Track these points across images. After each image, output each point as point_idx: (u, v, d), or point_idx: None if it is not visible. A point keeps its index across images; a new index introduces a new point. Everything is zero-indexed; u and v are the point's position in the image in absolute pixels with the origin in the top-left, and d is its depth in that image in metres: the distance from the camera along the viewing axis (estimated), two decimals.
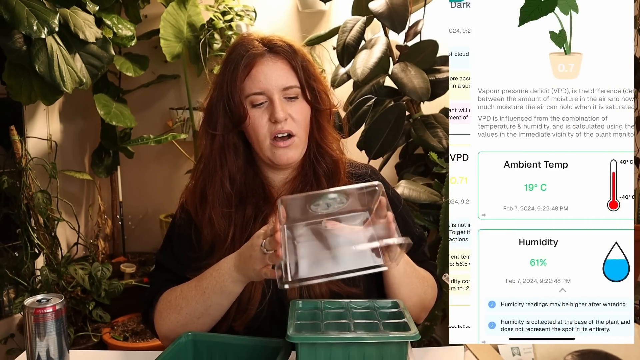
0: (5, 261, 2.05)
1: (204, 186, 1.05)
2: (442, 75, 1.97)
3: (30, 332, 0.88)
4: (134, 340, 2.24)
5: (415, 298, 1.00)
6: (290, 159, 1.02)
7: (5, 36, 1.70)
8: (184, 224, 1.08)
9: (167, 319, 1.00)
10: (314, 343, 0.77)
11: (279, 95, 0.99)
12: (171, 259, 1.07)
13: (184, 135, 2.48)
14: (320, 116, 1.06)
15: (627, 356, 0.86)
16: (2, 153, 2.13)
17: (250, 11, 2.44)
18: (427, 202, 1.81)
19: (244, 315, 0.99)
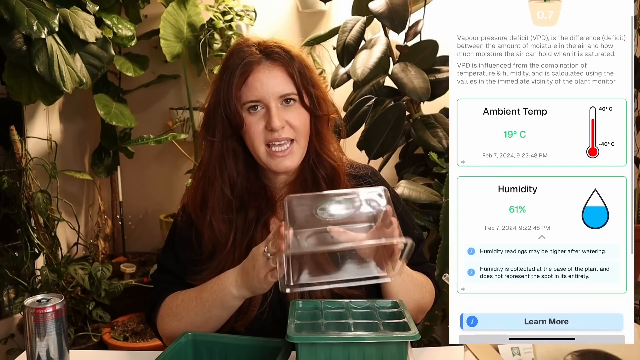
0: (5, 261, 2.05)
1: (205, 192, 1.05)
2: (442, 75, 1.97)
3: (30, 332, 0.88)
4: (134, 340, 2.24)
5: (412, 304, 1.00)
6: (288, 167, 1.02)
7: (5, 36, 1.70)
8: (185, 226, 1.08)
9: (168, 325, 1.01)
10: (313, 343, 0.77)
11: (276, 102, 0.99)
12: (173, 261, 1.07)
13: (184, 135, 2.48)
14: (319, 123, 1.05)
15: (627, 356, 0.86)
16: (2, 153, 2.13)
17: (250, 11, 2.44)
18: (427, 202, 1.81)
19: (245, 316, 0.99)
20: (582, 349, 0.87)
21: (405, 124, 1.96)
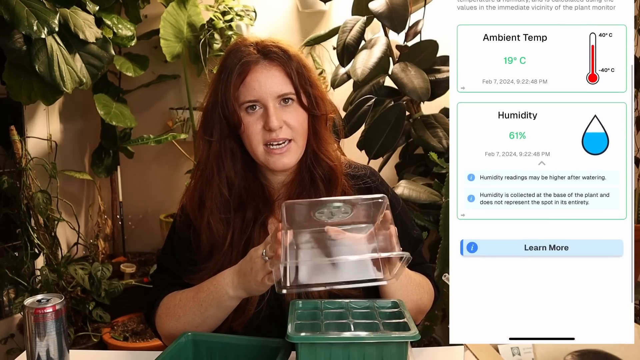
0: (5, 261, 2.05)
1: (202, 192, 1.05)
2: (442, 75, 1.97)
3: (30, 332, 0.88)
4: (134, 340, 2.24)
5: (410, 304, 1.00)
6: (286, 165, 1.02)
7: (5, 36, 1.70)
8: (183, 226, 1.08)
9: (166, 324, 1.01)
10: (313, 343, 0.77)
11: (274, 102, 0.99)
12: (172, 261, 1.08)
13: (184, 135, 2.48)
14: (317, 122, 1.05)
15: (627, 356, 0.86)
16: (2, 153, 2.13)
17: (250, 11, 2.44)
18: (427, 202, 1.81)
19: (243, 315, 1.00)
20: (582, 349, 0.87)
21: (405, 124, 1.96)
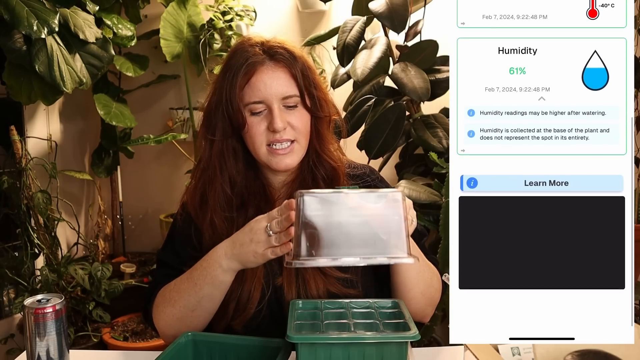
0: (5, 261, 2.05)
1: (204, 190, 1.05)
2: (442, 75, 1.97)
3: (30, 332, 0.88)
4: (134, 340, 2.24)
5: (422, 285, 1.00)
6: (289, 165, 1.02)
7: (5, 36, 1.70)
8: (184, 224, 1.08)
9: (162, 312, 1.00)
10: (314, 343, 0.78)
11: (279, 104, 0.99)
12: (172, 255, 1.08)
13: (184, 135, 2.48)
14: (320, 124, 1.06)
15: (627, 356, 0.86)
16: (2, 153, 2.13)
17: (250, 11, 2.44)
18: (427, 202, 1.81)
19: (243, 314, 1.00)
20: (582, 349, 0.87)
21: (405, 124, 1.96)
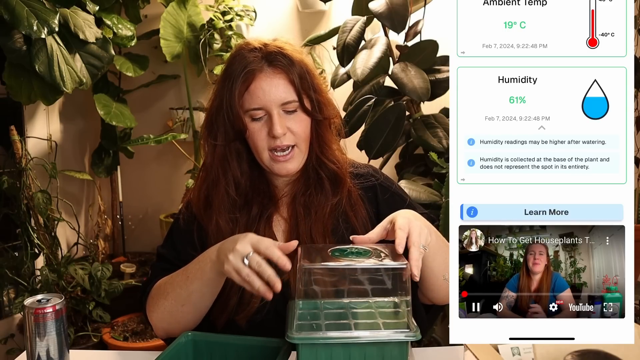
0: (5, 261, 2.05)
1: (208, 193, 1.07)
2: (442, 75, 1.97)
3: (30, 332, 0.88)
4: (134, 340, 2.24)
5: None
6: (290, 171, 1.04)
7: (5, 36, 1.70)
8: (186, 225, 1.09)
9: (156, 304, 1.01)
10: (314, 343, 0.78)
11: (278, 110, 1.00)
12: (171, 250, 1.09)
13: (184, 135, 2.48)
14: (320, 127, 1.06)
15: (627, 356, 0.86)
16: (2, 153, 2.13)
17: (250, 11, 2.44)
18: (427, 202, 1.81)
19: (247, 309, 1.00)
20: (582, 349, 0.87)
21: (405, 124, 1.95)
